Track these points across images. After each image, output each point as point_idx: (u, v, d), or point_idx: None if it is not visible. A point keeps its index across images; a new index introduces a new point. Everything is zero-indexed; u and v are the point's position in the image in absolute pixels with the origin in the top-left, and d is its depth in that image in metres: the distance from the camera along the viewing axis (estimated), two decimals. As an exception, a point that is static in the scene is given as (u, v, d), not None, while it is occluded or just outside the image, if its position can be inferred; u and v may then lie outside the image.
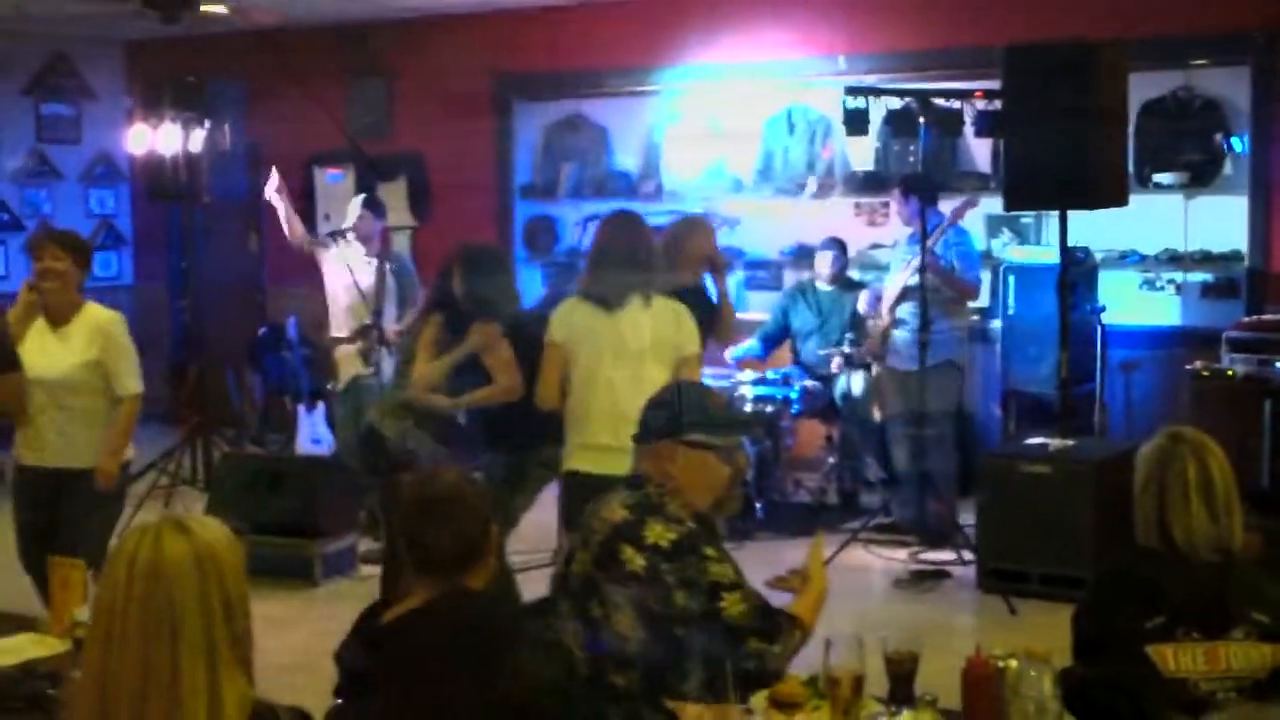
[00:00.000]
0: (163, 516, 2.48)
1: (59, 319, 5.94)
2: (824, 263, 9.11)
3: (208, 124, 9.37)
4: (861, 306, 8.82)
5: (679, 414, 3.67)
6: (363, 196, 9.30)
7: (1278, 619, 3.37)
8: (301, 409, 10.12)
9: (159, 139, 9.40)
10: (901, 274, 8.39)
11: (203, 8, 9.72)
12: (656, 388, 5.29)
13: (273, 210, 9.39)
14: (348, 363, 8.71)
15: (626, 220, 5.79)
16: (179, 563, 2.39)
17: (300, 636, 6.71)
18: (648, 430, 3.71)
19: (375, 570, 7.44)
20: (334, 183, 11.88)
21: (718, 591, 3.41)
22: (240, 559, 2.49)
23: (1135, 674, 3.27)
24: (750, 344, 9.11)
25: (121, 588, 2.38)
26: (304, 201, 12.03)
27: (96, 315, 6.02)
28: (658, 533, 3.47)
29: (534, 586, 6.53)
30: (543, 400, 5.68)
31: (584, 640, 3.44)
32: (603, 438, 5.32)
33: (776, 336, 9.27)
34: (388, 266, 8.77)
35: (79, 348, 5.90)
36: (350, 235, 8.87)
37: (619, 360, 5.43)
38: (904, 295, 8.35)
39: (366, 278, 8.72)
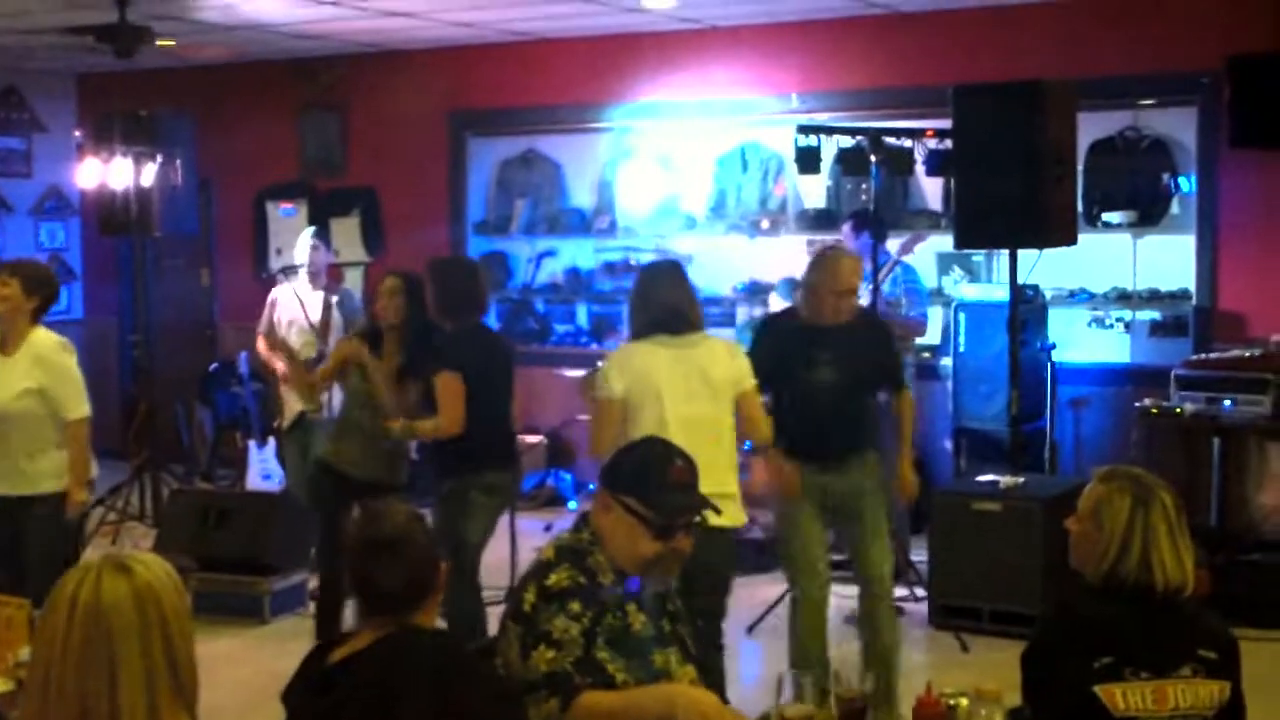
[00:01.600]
0: (103, 556, 2.45)
1: (8, 347, 6.02)
2: (779, 307, 9.05)
3: (159, 158, 9.31)
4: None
5: (627, 469, 3.53)
6: (312, 229, 9.27)
7: (1225, 655, 3.37)
8: (252, 444, 10.06)
9: (110, 172, 9.34)
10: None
11: (156, 42, 9.71)
12: (725, 430, 5.31)
13: (224, 244, 9.33)
14: (294, 399, 8.64)
15: (669, 267, 5.83)
16: (119, 603, 2.36)
17: (249, 675, 6.65)
18: (604, 469, 3.61)
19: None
20: (286, 217, 11.84)
21: (539, 641, 3.30)
22: (183, 598, 2.46)
23: (1083, 716, 3.27)
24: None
25: (61, 629, 2.35)
26: (255, 235, 12.01)
27: (38, 342, 6.06)
28: (560, 577, 3.38)
29: (489, 625, 6.54)
30: (596, 456, 5.53)
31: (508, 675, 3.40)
32: None
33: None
34: (334, 300, 8.72)
35: (18, 376, 5.96)
36: (302, 270, 8.83)
37: (689, 401, 5.34)
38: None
39: (315, 312, 8.69)
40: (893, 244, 8.43)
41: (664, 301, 5.49)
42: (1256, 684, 3.59)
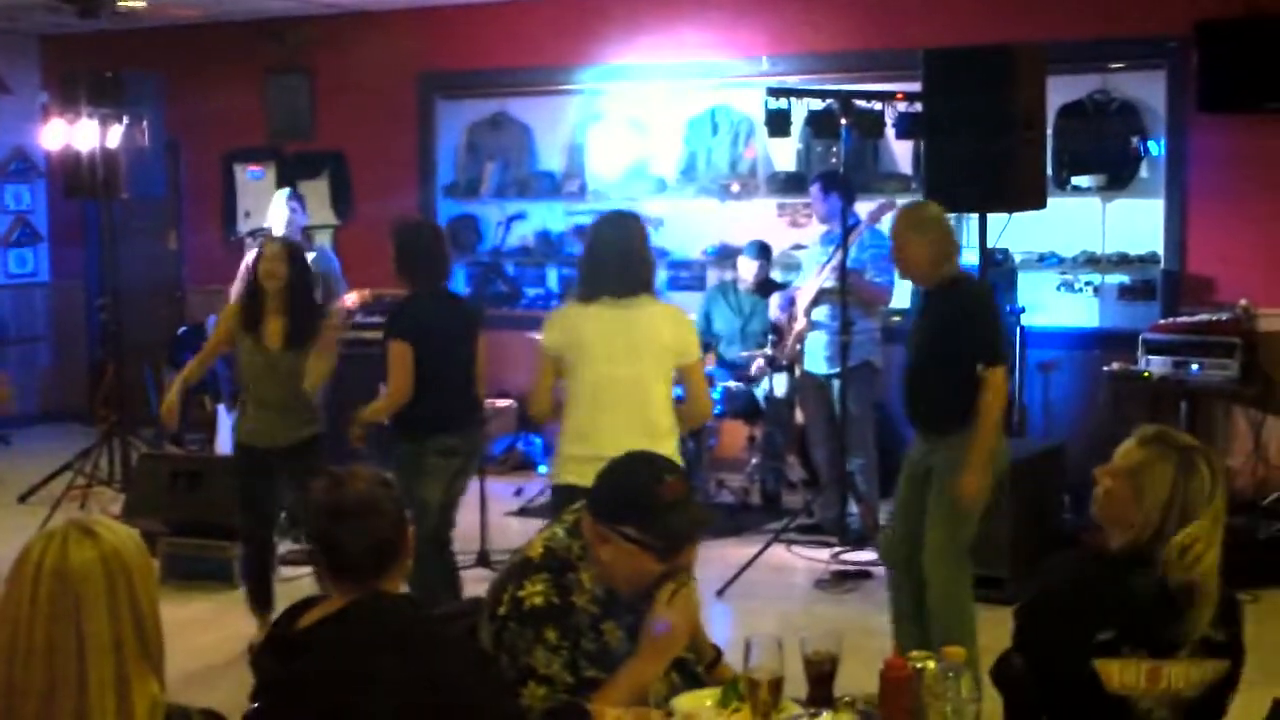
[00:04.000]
0: (68, 521, 2.44)
1: None
2: (747, 269, 9.11)
3: (125, 119, 9.24)
4: (773, 311, 8.79)
5: (617, 498, 3.34)
6: (286, 191, 9.22)
7: (1231, 636, 3.34)
8: (221, 409, 10.02)
9: (75, 134, 9.27)
10: (816, 277, 8.39)
11: (120, 2, 9.63)
12: (654, 397, 5.23)
13: (192, 207, 9.25)
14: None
15: (618, 219, 5.54)
16: (86, 568, 2.36)
17: (218, 638, 6.66)
18: (591, 499, 3.40)
19: (295, 572, 7.39)
20: (254, 180, 11.78)
21: (526, 677, 3.23)
22: (149, 562, 2.46)
23: (1078, 685, 3.27)
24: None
25: (27, 594, 2.34)
26: (223, 198, 11.95)
27: None
28: (535, 589, 3.28)
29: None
30: (535, 413, 5.60)
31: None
32: (589, 448, 5.06)
33: (705, 338, 9.26)
34: (311, 258, 8.69)
35: None
36: (272, 231, 8.78)
37: (613, 366, 5.24)
38: (819, 298, 8.35)
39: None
40: (860, 207, 8.42)
41: (607, 263, 5.36)
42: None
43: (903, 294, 9.15)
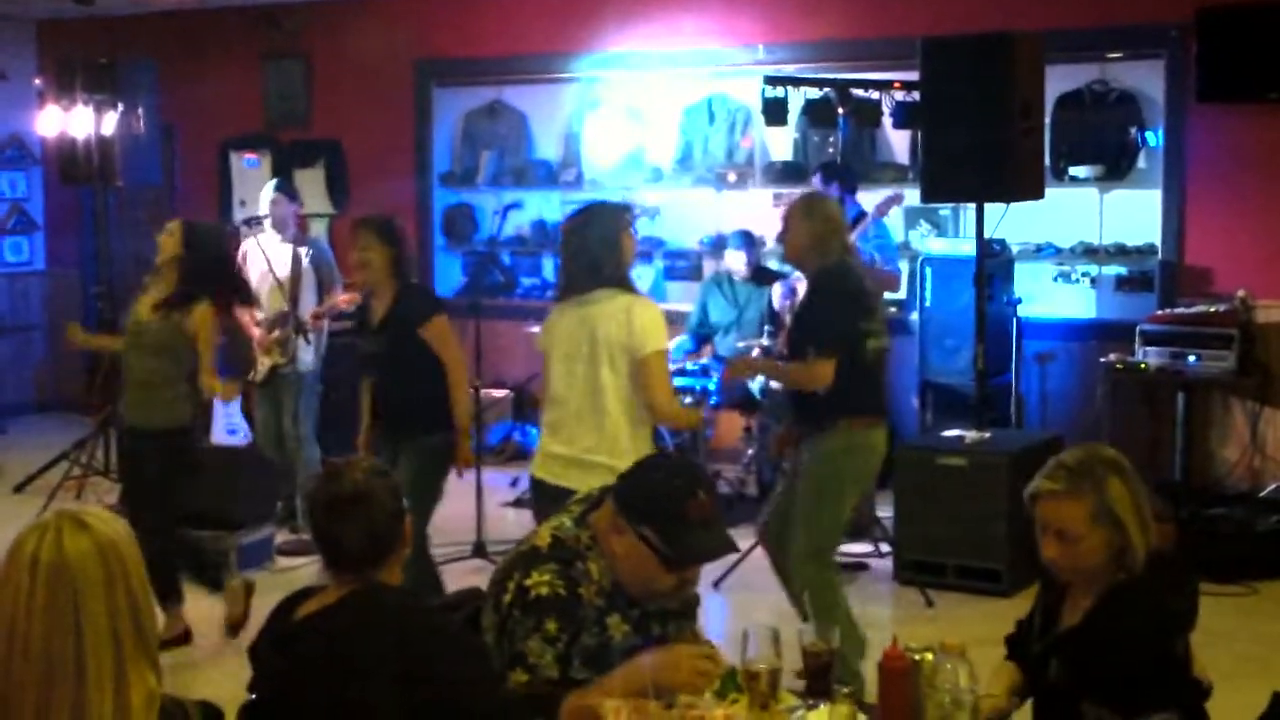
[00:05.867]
0: (58, 513, 2.42)
1: None
2: (735, 260, 9.07)
3: (120, 106, 9.22)
4: (776, 300, 8.78)
5: (645, 498, 3.30)
6: (275, 180, 9.19)
7: None
8: (216, 398, 9.99)
9: (71, 121, 9.24)
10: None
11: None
12: (608, 394, 5.13)
13: (187, 195, 9.21)
14: (265, 353, 8.60)
15: (587, 212, 5.43)
16: (83, 560, 2.34)
17: (214, 629, 6.62)
18: (620, 490, 3.38)
19: (292, 562, 7.38)
20: (250, 168, 11.75)
21: (515, 663, 3.22)
22: (140, 553, 2.44)
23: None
24: (682, 340, 9.03)
25: (25, 588, 2.33)
26: (219, 186, 11.91)
27: None
28: (542, 579, 3.26)
29: (455, 580, 6.53)
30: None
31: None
32: (554, 446, 5.18)
33: (704, 330, 9.24)
34: (304, 252, 8.66)
35: None
36: (266, 222, 8.74)
37: (569, 364, 5.21)
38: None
39: (283, 265, 8.61)
40: (864, 197, 8.40)
41: (570, 259, 5.34)
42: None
43: (901, 282, 9.17)
